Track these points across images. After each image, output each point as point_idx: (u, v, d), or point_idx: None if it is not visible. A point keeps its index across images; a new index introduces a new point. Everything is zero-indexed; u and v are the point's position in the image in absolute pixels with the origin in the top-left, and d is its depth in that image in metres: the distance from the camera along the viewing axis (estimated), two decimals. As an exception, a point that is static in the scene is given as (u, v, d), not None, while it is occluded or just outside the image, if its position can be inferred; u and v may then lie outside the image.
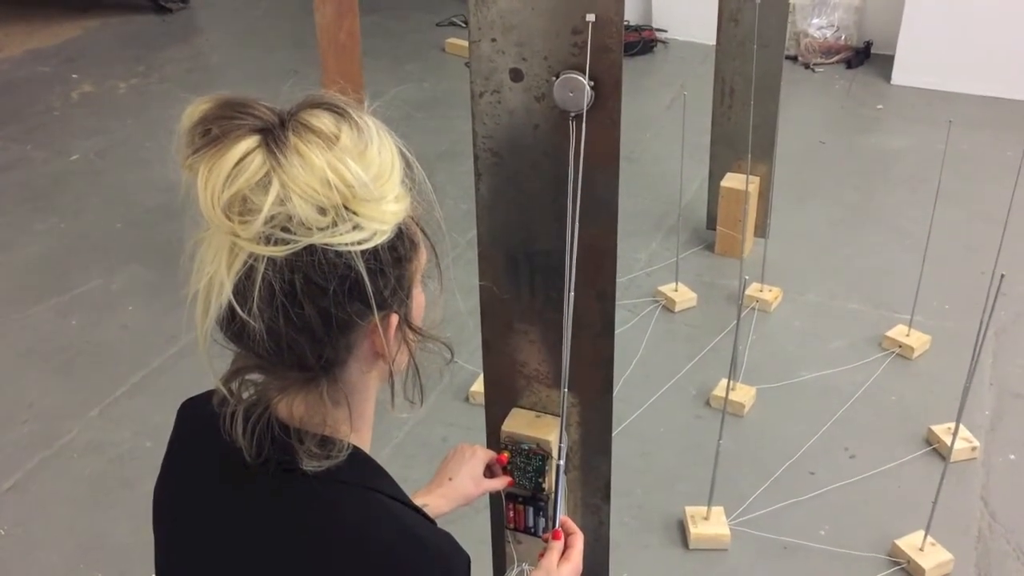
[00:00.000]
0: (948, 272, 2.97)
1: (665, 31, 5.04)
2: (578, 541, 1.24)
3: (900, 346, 2.72)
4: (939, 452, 2.36)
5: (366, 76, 4.25)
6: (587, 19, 1.20)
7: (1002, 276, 1.75)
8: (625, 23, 5.01)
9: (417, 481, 1.35)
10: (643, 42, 4.92)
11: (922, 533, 2.08)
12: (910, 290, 2.69)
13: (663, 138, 3.97)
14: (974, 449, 2.36)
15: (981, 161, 3.68)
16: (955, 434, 2.06)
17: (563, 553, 1.22)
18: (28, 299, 3.06)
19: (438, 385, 2.65)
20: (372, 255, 0.81)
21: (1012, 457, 2.39)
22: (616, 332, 2.91)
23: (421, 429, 2.52)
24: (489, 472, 1.43)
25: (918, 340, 2.72)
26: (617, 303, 2.99)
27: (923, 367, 2.69)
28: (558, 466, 1.35)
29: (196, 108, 0.81)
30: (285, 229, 0.77)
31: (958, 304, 2.87)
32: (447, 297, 0.95)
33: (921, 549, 2.07)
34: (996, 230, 2.25)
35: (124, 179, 3.69)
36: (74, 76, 4.70)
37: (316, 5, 2.56)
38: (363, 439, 0.94)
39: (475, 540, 1.72)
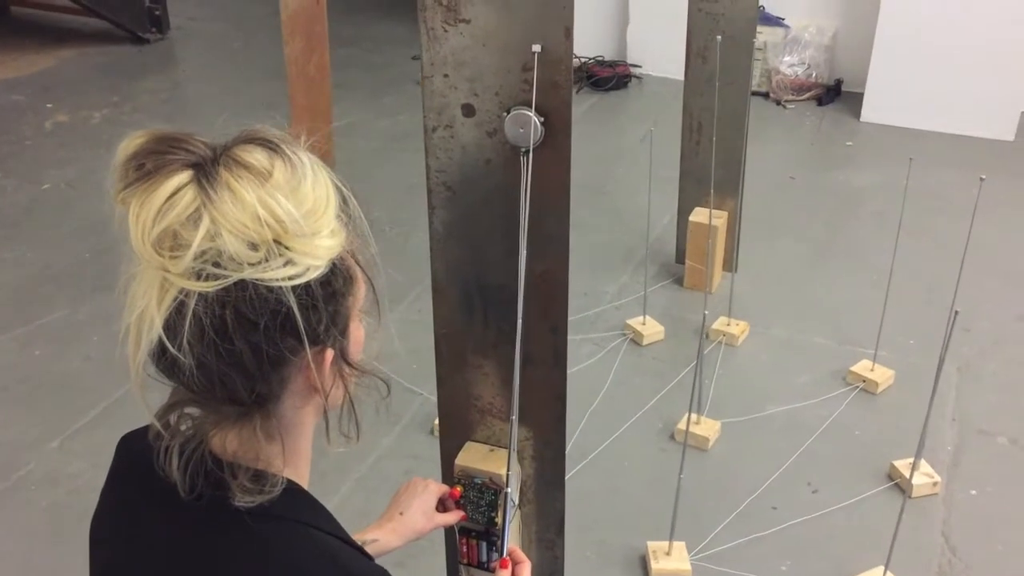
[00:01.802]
0: (913, 307, 3.00)
1: (639, 66, 5.10)
2: (525, 570, 1.24)
3: (864, 381, 2.74)
4: (901, 487, 2.37)
5: (342, 108, 4.29)
6: (533, 50, 1.22)
7: (956, 312, 1.77)
8: (600, 58, 5.09)
9: (379, 515, 1.34)
10: (617, 77, 4.97)
11: (882, 568, 2.08)
12: (875, 325, 2.71)
13: (635, 172, 4.00)
14: (935, 484, 2.37)
15: (947, 198, 3.73)
16: (914, 468, 2.07)
17: None
18: (-8, 329, 3.03)
19: (401, 420, 2.64)
20: (304, 290, 0.81)
21: (973, 492, 2.40)
22: (583, 365, 2.94)
23: (385, 462, 2.51)
24: (442, 506, 1.43)
25: (882, 375, 2.74)
26: (585, 336, 3.03)
27: (887, 402, 2.70)
28: (506, 494, 1.34)
29: (131, 142, 0.81)
30: (216, 264, 0.77)
31: (922, 339, 2.89)
32: (418, 329, 0.94)
33: (881, 584, 2.07)
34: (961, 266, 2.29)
35: (95, 209, 3.66)
36: (48, 105, 4.70)
37: (285, 38, 2.58)
38: (300, 474, 0.94)
39: (429, 576, 1.71)
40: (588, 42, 5.07)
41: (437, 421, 2.57)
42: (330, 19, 2.92)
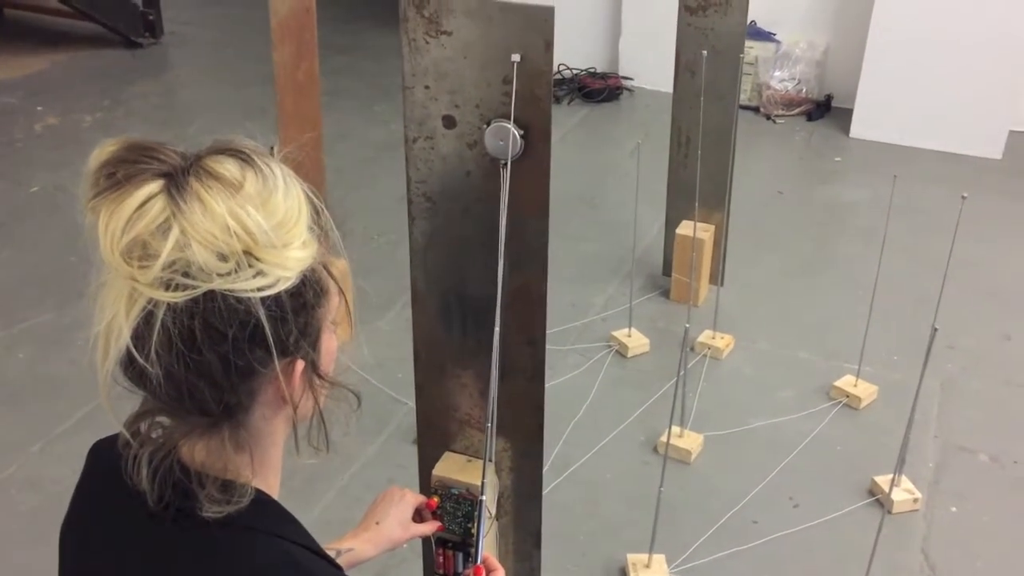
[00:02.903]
0: (898, 324, 3.01)
1: (631, 79, 5.11)
2: None
3: (848, 396, 2.74)
4: (882, 503, 2.37)
5: (334, 116, 4.28)
6: (512, 59, 1.22)
7: (936, 329, 1.78)
8: (592, 70, 5.10)
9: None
10: (609, 89, 4.99)
11: (861, 584, 2.09)
12: (860, 341, 2.72)
13: (625, 184, 4.00)
14: (916, 501, 2.38)
15: (935, 215, 3.73)
16: (893, 484, 2.08)
17: None
18: (-25, 331, 3.03)
19: (385, 429, 2.64)
20: (274, 302, 0.81)
21: (954, 510, 2.41)
22: (568, 376, 2.94)
23: (368, 471, 2.51)
24: (419, 516, 1.43)
25: (865, 391, 2.74)
26: (570, 347, 3.03)
27: (869, 418, 2.71)
28: (480, 501, 1.34)
29: (103, 150, 0.82)
30: (185, 275, 0.77)
31: (907, 355, 2.90)
32: (404, 338, 0.94)
33: (860, 600, 2.08)
34: (946, 283, 2.30)
35: (83, 213, 3.67)
36: (39, 108, 4.69)
37: (275, 45, 2.58)
38: (269, 484, 0.94)
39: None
40: (580, 54, 5.08)
41: (420, 431, 2.58)
42: (326, 27, 2.93)
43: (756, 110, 4.79)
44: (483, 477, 1.37)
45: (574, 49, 5.01)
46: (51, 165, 4.11)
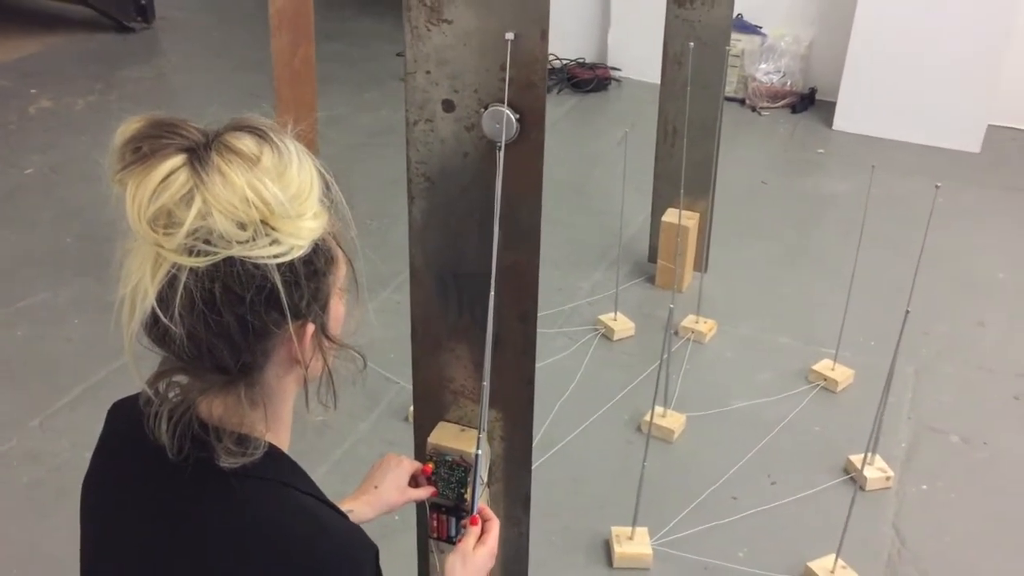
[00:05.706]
0: (875, 310, 3.09)
1: (619, 70, 5.18)
2: (494, 527, 1.30)
3: (825, 379, 2.83)
4: (856, 480, 2.46)
5: (324, 102, 4.34)
6: (506, 37, 1.29)
7: (908, 312, 1.86)
8: (581, 60, 5.16)
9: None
10: (597, 79, 5.05)
11: (834, 556, 2.17)
12: (838, 326, 2.81)
13: (613, 173, 4.08)
14: (888, 479, 2.47)
15: (914, 206, 3.81)
16: (864, 461, 2.16)
17: (479, 538, 1.28)
18: (-27, 310, 3.07)
19: (377, 406, 2.71)
20: (288, 268, 0.88)
21: (924, 487, 2.50)
22: (555, 358, 3.02)
23: (360, 447, 2.58)
24: (414, 482, 1.50)
25: (842, 374, 2.83)
26: (558, 330, 3.10)
27: (846, 400, 2.80)
28: (476, 456, 1.41)
29: (128, 126, 0.88)
30: (207, 242, 0.84)
31: (883, 341, 2.98)
32: (395, 319, 1.00)
33: (832, 572, 2.16)
34: (922, 272, 2.38)
35: (77, 194, 3.72)
36: (32, 91, 4.73)
37: (272, 32, 2.63)
38: (280, 439, 1.01)
39: (406, 554, 1.78)
40: (569, 44, 5.15)
41: (412, 408, 2.65)
42: (314, 14, 2.98)
43: (742, 102, 4.87)
44: (480, 431, 1.43)
45: (564, 40, 5.07)
46: (45, 147, 4.15)
